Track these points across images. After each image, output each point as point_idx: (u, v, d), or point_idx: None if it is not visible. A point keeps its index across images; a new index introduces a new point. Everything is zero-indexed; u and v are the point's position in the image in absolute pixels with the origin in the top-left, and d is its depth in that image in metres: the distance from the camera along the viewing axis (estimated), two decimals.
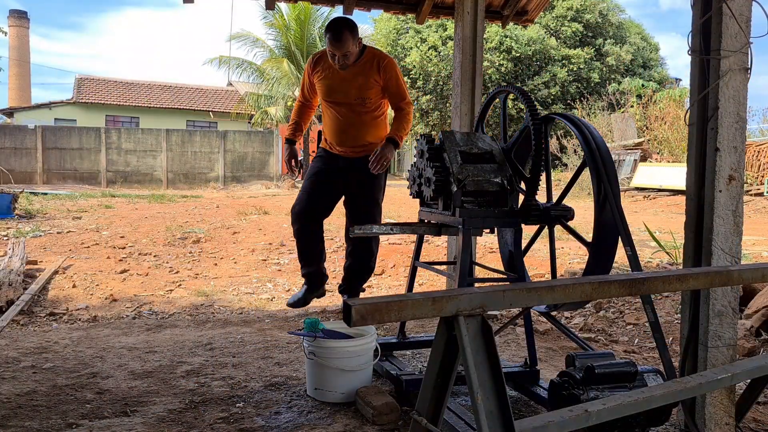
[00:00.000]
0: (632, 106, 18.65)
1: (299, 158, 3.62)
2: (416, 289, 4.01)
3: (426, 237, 2.99)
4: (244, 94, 22.82)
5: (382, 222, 3.44)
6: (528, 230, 2.81)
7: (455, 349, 1.23)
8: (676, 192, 12.68)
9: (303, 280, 3.55)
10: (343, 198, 3.50)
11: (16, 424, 2.24)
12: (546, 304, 1.62)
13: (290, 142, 3.53)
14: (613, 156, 3.55)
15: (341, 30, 3.11)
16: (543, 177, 2.51)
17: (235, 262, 5.89)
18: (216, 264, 5.85)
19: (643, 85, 20.46)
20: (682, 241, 2.25)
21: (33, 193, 13.43)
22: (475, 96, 3.81)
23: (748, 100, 2.07)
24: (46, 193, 13.92)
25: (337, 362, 2.46)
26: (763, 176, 12.31)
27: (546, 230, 2.70)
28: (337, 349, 2.49)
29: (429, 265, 2.88)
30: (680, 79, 25.15)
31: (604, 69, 23.60)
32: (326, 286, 4.69)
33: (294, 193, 15.24)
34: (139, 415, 2.36)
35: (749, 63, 2.04)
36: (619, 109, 18.77)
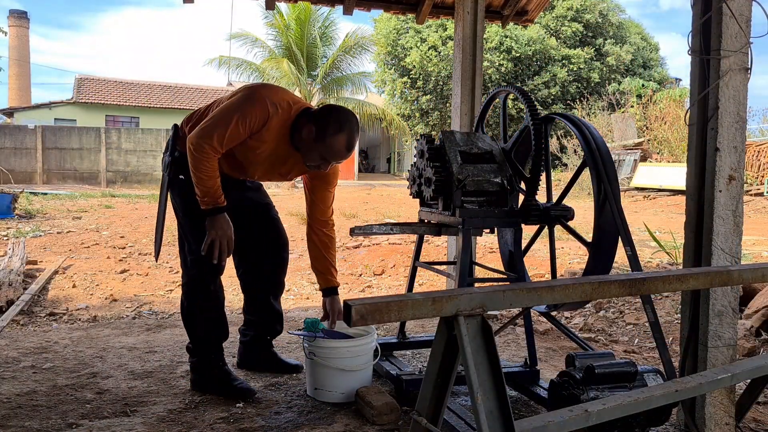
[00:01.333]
0: (632, 106, 18.66)
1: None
2: (416, 289, 4.01)
3: (426, 237, 2.99)
4: None
5: (382, 222, 3.39)
6: (528, 230, 2.81)
7: (455, 349, 1.23)
8: (676, 192, 12.69)
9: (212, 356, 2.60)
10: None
11: (16, 424, 2.24)
12: (546, 304, 1.62)
13: (224, 210, 2.38)
14: (613, 156, 3.56)
15: (356, 139, 2.40)
16: (543, 177, 2.51)
17: None
18: None
19: (643, 85, 20.47)
20: (682, 241, 2.26)
21: (33, 193, 13.43)
22: (475, 96, 3.82)
23: (748, 100, 2.08)
24: (46, 193, 13.92)
25: (336, 362, 2.46)
26: (763, 176, 12.31)
27: (546, 230, 2.70)
28: (337, 350, 2.49)
29: (429, 265, 2.88)
30: (680, 79, 25.18)
31: (604, 69, 23.62)
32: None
33: (294, 194, 15.14)
34: (139, 415, 2.36)
35: (749, 63, 2.04)
36: (619, 109, 18.78)
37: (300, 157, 2.45)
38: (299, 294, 4.91)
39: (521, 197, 2.52)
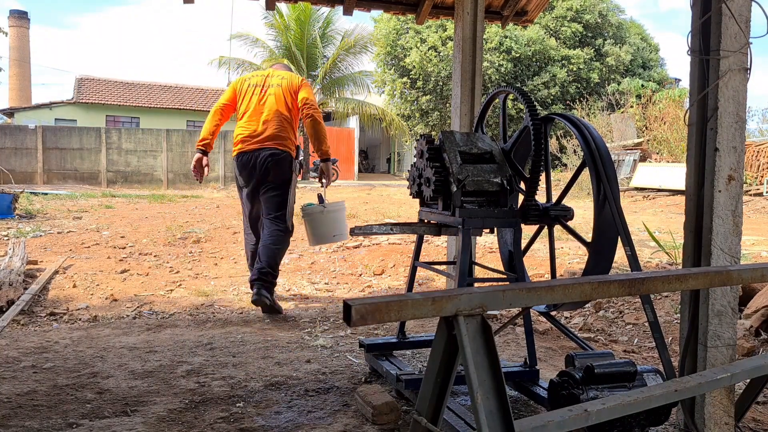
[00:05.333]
0: (632, 107, 18.66)
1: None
2: (416, 289, 4.01)
3: (426, 237, 3.00)
4: None
5: (382, 222, 3.49)
6: (528, 230, 2.81)
7: (455, 348, 1.23)
8: (675, 192, 12.69)
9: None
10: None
11: (17, 424, 2.24)
12: (546, 304, 1.63)
13: None
14: (612, 156, 3.56)
15: None
16: (543, 177, 2.52)
17: (236, 262, 5.90)
18: (216, 264, 5.85)
19: (642, 86, 20.47)
20: (681, 241, 2.26)
21: (33, 193, 13.43)
22: (475, 96, 3.82)
23: (747, 100, 2.08)
24: (46, 193, 13.92)
25: (333, 215, 4.18)
26: (762, 176, 12.31)
27: (546, 230, 2.71)
28: (332, 210, 4.19)
29: (429, 265, 2.89)
30: (680, 79, 25.17)
31: (604, 69, 23.62)
32: (332, 291, 5.03)
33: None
34: (139, 414, 2.36)
35: (749, 63, 2.05)
36: (619, 109, 18.79)
37: None
38: (299, 294, 4.92)
39: (521, 197, 2.52)
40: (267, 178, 4.06)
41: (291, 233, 4.19)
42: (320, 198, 4.22)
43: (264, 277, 3.96)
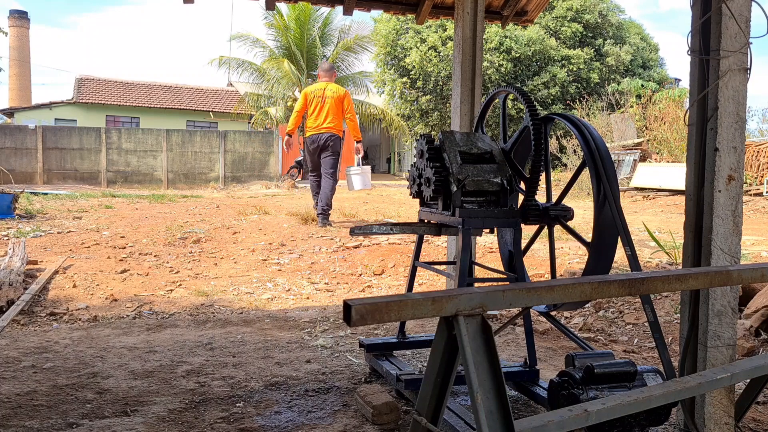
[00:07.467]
0: (632, 107, 18.65)
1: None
2: (416, 289, 4.01)
3: (426, 237, 3.00)
4: (244, 94, 22.85)
5: (382, 222, 3.48)
6: (528, 230, 2.81)
7: (455, 348, 1.23)
8: (675, 192, 12.68)
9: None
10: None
11: (17, 424, 2.25)
12: (546, 304, 1.63)
13: None
14: (612, 156, 3.56)
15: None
16: (543, 177, 2.52)
17: (236, 262, 5.90)
18: (216, 264, 5.85)
19: (642, 86, 20.45)
20: (681, 241, 2.26)
21: (33, 193, 13.42)
22: (475, 96, 3.82)
23: (747, 100, 2.08)
24: (46, 193, 13.91)
25: (359, 175, 7.69)
26: (762, 176, 12.31)
27: (546, 230, 2.71)
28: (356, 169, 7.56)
29: (429, 265, 2.89)
30: (680, 79, 25.15)
31: (604, 69, 23.61)
32: (332, 291, 5.03)
33: (294, 194, 15.43)
34: (139, 414, 2.36)
35: (749, 63, 2.05)
36: (619, 109, 18.78)
37: None
38: (299, 294, 4.92)
39: (521, 197, 2.52)
40: (327, 149, 7.45)
41: (337, 181, 7.53)
42: (358, 162, 7.77)
43: (325, 210, 7.30)
